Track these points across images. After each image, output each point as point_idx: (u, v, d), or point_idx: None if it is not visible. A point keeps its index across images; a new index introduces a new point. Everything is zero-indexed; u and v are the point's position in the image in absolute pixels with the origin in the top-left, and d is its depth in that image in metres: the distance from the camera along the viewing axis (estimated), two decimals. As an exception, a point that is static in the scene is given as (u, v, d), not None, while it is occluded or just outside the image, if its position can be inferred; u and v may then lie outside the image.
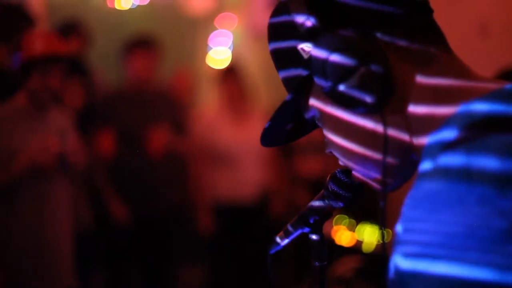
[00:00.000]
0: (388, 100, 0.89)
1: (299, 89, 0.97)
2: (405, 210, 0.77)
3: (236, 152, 4.65)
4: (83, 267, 4.13)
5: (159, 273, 4.54)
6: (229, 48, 6.84)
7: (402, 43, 0.90)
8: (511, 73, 2.22)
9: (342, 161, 0.99)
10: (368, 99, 0.88)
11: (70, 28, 4.68)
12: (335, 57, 0.88)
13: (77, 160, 3.18)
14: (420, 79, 0.89)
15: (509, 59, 2.46)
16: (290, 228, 1.19)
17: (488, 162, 0.72)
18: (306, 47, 0.93)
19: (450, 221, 0.72)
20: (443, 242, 0.71)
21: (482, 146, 0.73)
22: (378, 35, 0.89)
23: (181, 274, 5.01)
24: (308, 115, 1.00)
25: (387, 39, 0.89)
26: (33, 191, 3.01)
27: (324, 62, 0.89)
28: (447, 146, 0.77)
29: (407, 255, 0.75)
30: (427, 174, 0.77)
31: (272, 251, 1.21)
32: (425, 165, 0.79)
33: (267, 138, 1.07)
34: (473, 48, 3.12)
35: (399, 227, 0.78)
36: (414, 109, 0.89)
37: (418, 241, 0.74)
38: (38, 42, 3.01)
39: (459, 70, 0.91)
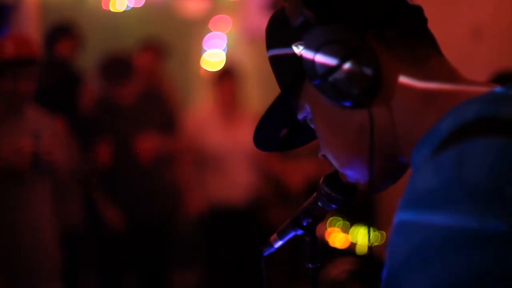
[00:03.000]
0: (375, 95, 0.89)
1: (291, 86, 0.98)
2: (399, 212, 0.78)
3: (226, 154, 4.63)
4: (73, 268, 4.11)
5: (153, 277, 4.53)
6: (224, 50, 6.83)
7: (393, 43, 0.91)
8: (506, 76, 2.23)
9: (332, 162, 0.99)
10: (355, 91, 0.88)
11: (64, 30, 4.67)
12: (326, 48, 0.88)
13: (53, 159, 3.08)
14: (410, 80, 0.89)
15: (502, 63, 2.47)
16: (283, 231, 1.20)
17: (477, 166, 0.72)
18: (299, 44, 0.93)
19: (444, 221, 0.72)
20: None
21: (472, 149, 0.74)
22: (370, 33, 0.90)
23: (175, 278, 5.00)
24: (300, 116, 1.00)
25: (378, 38, 0.90)
26: (9, 193, 2.96)
27: (314, 53, 0.89)
28: (437, 149, 0.77)
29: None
30: (419, 175, 0.77)
31: (266, 253, 1.21)
32: (417, 167, 0.80)
33: (260, 139, 1.07)
34: (467, 51, 3.13)
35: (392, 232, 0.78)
36: (403, 110, 0.89)
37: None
38: (11, 45, 2.99)
39: (449, 73, 0.91)
